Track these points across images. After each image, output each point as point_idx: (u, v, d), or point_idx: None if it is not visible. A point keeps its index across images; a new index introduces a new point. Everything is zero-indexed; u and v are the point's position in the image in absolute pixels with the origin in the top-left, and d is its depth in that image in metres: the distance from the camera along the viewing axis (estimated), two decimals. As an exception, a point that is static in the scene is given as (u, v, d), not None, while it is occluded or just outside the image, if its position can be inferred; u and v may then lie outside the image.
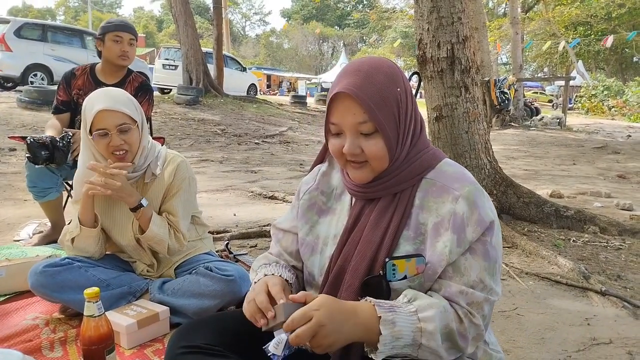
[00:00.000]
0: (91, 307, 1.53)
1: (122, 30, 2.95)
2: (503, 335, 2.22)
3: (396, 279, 1.07)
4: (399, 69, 1.14)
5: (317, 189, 1.30)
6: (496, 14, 32.00)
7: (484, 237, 1.07)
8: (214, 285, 2.03)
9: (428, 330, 1.00)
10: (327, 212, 1.27)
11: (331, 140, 1.14)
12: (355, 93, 1.05)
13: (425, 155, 1.15)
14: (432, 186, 1.12)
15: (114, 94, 2.04)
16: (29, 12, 54.46)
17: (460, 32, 3.87)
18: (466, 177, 1.12)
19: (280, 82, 39.44)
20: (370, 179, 1.14)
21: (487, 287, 1.07)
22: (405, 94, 1.11)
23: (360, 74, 1.08)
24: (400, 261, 1.07)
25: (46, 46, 12.58)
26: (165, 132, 9.74)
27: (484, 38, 14.05)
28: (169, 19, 51.75)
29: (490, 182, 4.07)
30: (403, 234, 1.11)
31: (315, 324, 0.96)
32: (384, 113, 1.07)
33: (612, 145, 11.13)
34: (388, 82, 1.08)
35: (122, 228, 2.15)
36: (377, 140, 1.08)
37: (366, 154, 1.09)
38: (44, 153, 2.70)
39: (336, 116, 1.10)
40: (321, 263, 1.23)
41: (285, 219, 1.38)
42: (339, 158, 1.15)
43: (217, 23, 16.64)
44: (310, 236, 1.27)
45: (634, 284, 2.89)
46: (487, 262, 1.07)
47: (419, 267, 1.08)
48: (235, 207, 4.59)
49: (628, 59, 40.37)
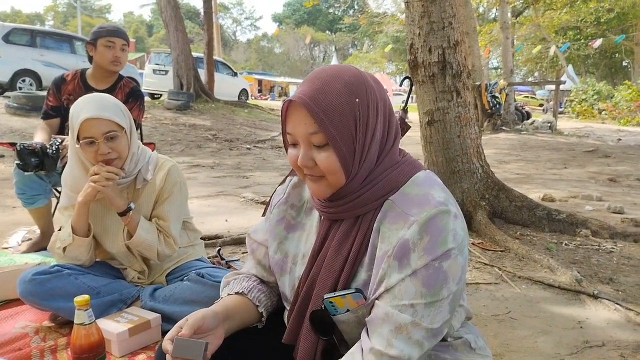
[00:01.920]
0: (81, 315, 1.51)
1: (114, 36, 2.94)
2: (496, 339, 2.22)
3: (339, 313, 1.05)
4: (364, 77, 1.04)
5: (287, 203, 1.25)
6: (487, 18, 32.21)
7: (433, 262, 0.96)
8: (205, 292, 2.01)
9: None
10: (296, 228, 1.23)
11: (289, 150, 1.08)
12: (305, 102, 0.99)
13: (392, 174, 1.06)
14: (392, 210, 1.03)
15: (100, 101, 2.00)
16: (17, 17, 54.12)
17: (451, 36, 3.89)
18: (430, 199, 1.00)
19: (272, 87, 39.47)
20: (328, 194, 1.07)
21: (418, 314, 0.96)
22: (366, 105, 1.01)
23: (316, 82, 1.01)
24: (337, 298, 1.03)
25: (35, 51, 12.52)
26: (155, 138, 9.70)
27: (475, 43, 14.13)
28: (159, 24, 51.62)
29: (483, 186, 4.08)
30: (362, 261, 1.07)
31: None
32: (337, 125, 0.99)
33: (603, 149, 11.20)
34: (346, 92, 1.00)
35: (113, 235, 2.13)
36: (330, 154, 1.01)
37: (320, 168, 1.03)
38: (34, 160, 2.66)
39: (290, 125, 1.04)
40: (291, 283, 1.20)
41: (259, 229, 1.33)
42: (297, 170, 1.09)
43: (207, 28, 16.64)
44: (278, 254, 1.23)
45: (626, 287, 2.90)
46: (426, 288, 0.96)
47: (359, 302, 1.03)
48: (227, 213, 4.57)
49: (617, 63, 40.76)
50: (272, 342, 1.21)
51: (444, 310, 0.99)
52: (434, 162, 4.08)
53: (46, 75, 12.03)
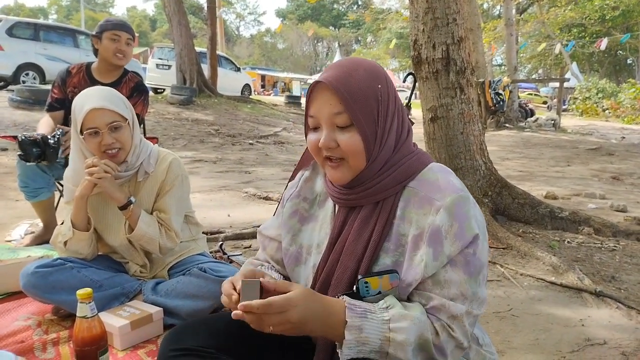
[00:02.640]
0: (84, 308, 1.51)
1: (120, 29, 2.94)
2: (498, 336, 2.22)
3: (370, 295, 1.05)
4: (383, 70, 1.12)
5: (300, 196, 1.28)
6: (491, 15, 32.11)
7: (466, 249, 1.03)
8: (207, 287, 2.02)
9: (397, 341, 0.98)
10: (310, 220, 1.25)
11: (309, 135, 1.12)
12: (332, 83, 1.05)
13: (409, 161, 1.11)
14: (414, 196, 1.08)
15: (104, 92, 2.02)
16: (20, 10, 54.12)
17: (455, 33, 3.87)
18: (450, 185, 1.07)
19: (275, 82, 39.40)
20: (348, 179, 1.10)
21: (468, 300, 1.03)
22: (387, 92, 1.08)
23: (340, 68, 1.08)
24: (373, 279, 1.05)
25: (38, 45, 12.52)
26: (158, 132, 9.70)
27: (479, 39, 14.09)
28: (162, 19, 51.63)
29: (485, 183, 4.08)
30: (383, 246, 1.09)
31: (288, 301, 0.95)
32: (361, 106, 1.05)
33: (606, 147, 11.17)
34: (368, 77, 1.07)
35: (115, 229, 2.13)
36: (353, 134, 1.06)
37: (342, 149, 1.07)
38: (35, 150, 2.68)
39: (314, 108, 1.09)
40: (306, 273, 1.21)
41: (270, 225, 1.35)
42: (316, 155, 1.13)
43: (211, 22, 16.60)
44: (293, 246, 1.25)
45: (628, 285, 2.89)
46: (468, 275, 1.03)
47: (393, 283, 1.05)
48: (229, 207, 4.57)
49: (622, 61, 40.64)
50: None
51: (484, 294, 1.07)
52: (437, 159, 4.07)
53: (49, 69, 12.05)
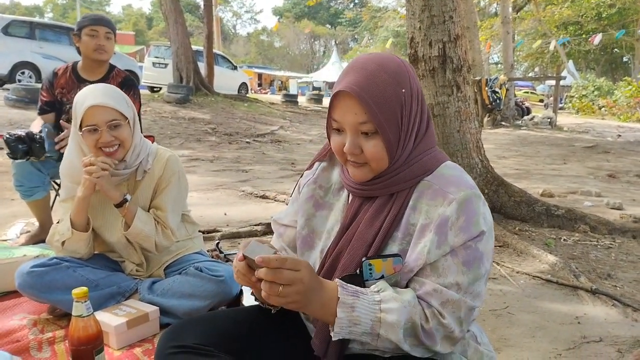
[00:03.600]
0: (80, 307, 1.51)
1: (97, 24, 2.91)
2: (494, 333, 2.22)
3: (373, 278, 1.07)
4: (407, 67, 1.11)
5: (316, 183, 1.29)
6: (487, 13, 32.09)
7: (469, 242, 1.04)
8: (204, 286, 2.01)
9: (387, 322, 0.99)
10: (324, 207, 1.27)
11: (333, 136, 1.13)
12: (357, 93, 1.04)
13: (426, 157, 1.13)
14: (428, 189, 1.10)
15: (106, 90, 2.02)
16: (16, 9, 53.89)
17: (451, 30, 3.88)
18: (464, 181, 1.09)
19: (272, 80, 39.38)
20: (369, 178, 1.13)
21: (462, 290, 1.04)
22: (410, 94, 1.08)
23: (364, 72, 1.06)
24: (377, 261, 1.07)
25: (34, 44, 12.47)
26: (155, 131, 9.68)
27: (476, 37, 14.10)
28: (158, 17, 51.43)
29: (482, 181, 4.08)
30: (393, 235, 1.11)
31: (299, 276, 0.95)
32: (386, 114, 1.05)
33: (602, 145, 11.20)
34: (392, 82, 1.06)
35: (112, 226, 2.12)
36: (377, 142, 1.07)
37: (365, 155, 1.08)
38: (21, 147, 2.69)
39: (338, 113, 1.09)
40: (314, 257, 1.23)
41: (286, 213, 1.37)
42: (339, 155, 1.14)
43: (207, 21, 16.57)
44: (305, 229, 1.27)
45: (624, 283, 2.90)
46: (467, 267, 1.04)
47: (396, 267, 1.07)
48: (226, 206, 4.56)
49: (618, 58, 40.71)
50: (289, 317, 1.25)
51: (481, 289, 1.07)
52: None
53: (45, 67, 11.99)
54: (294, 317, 1.26)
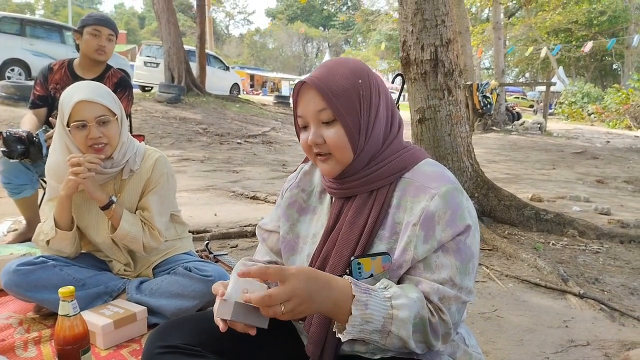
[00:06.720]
0: (66, 306, 1.49)
1: (101, 25, 2.90)
2: (482, 336, 2.23)
3: (362, 277, 1.06)
4: (367, 67, 1.16)
5: (298, 187, 1.31)
6: (479, 18, 32.30)
7: (459, 237, 1.06)
8: (193, 286, 2.00)
9: (399, 318, 0.98)
10: (308, 211, 1.28)
11: (300, 135, 1.17)
12: (314, 82, 1.09)
13: (405, 154, 1.15)
14: (410, 185, 1.11)
15: (93, 86, 1.99)
16: (7, 5, 53.40)
17: (444, 34, 3.89)
18: (446, 176, 1.11)
19: (264, 82, 39.31)
20: (337, 171, 1.14)
21: (457, 286, 1.05)
22: (368, 86, 1.12)
23: (324, 68, 1.14)
24: (366, 259, 1.07)
25: (24, 41, 12.32)
26: (145, 130, 9.63)
27: (467, 42, 14.17)
28: (151, 16, 51.21)
29: (472, 185, 4.10)
30: (378, 234, 1.11)
31: (291, 288, 0.93)
32: (342, 100, 1.09)
33: (591, 151, 11.30)
34: (349, 73, 1.11)
35: (98, 226, 2.10)
36: (338, 129, 1.10)
37: (328, 144, 1.11)
38: (20, 147, 2.63)
39: (300, 107, 1.14)
40: (301, 261, 1.23)
41: (270, 219, 1.38)
42: (308, 152, 1.18)
43: (200, 21, 16.53)
44: (290, 234, 1.27)
45: (611, 287, 2.92)
46: (459, 262, 1.05)
47: (385, 265, 1.07)
48: (216, 206, 4.55)
49: (607, 66, 41.10)
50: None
51: (472, 284, 1.09)
52: (424, 160, 4.07)
53: (35, 64, 11.86)
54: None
